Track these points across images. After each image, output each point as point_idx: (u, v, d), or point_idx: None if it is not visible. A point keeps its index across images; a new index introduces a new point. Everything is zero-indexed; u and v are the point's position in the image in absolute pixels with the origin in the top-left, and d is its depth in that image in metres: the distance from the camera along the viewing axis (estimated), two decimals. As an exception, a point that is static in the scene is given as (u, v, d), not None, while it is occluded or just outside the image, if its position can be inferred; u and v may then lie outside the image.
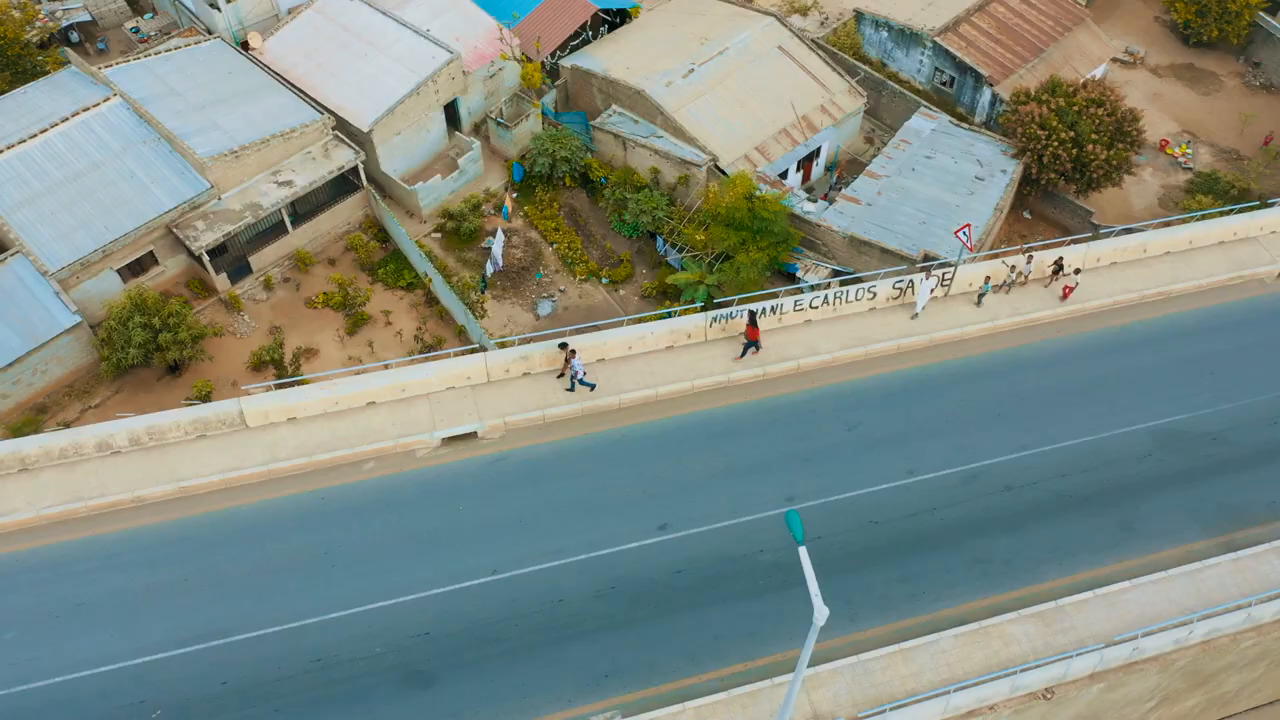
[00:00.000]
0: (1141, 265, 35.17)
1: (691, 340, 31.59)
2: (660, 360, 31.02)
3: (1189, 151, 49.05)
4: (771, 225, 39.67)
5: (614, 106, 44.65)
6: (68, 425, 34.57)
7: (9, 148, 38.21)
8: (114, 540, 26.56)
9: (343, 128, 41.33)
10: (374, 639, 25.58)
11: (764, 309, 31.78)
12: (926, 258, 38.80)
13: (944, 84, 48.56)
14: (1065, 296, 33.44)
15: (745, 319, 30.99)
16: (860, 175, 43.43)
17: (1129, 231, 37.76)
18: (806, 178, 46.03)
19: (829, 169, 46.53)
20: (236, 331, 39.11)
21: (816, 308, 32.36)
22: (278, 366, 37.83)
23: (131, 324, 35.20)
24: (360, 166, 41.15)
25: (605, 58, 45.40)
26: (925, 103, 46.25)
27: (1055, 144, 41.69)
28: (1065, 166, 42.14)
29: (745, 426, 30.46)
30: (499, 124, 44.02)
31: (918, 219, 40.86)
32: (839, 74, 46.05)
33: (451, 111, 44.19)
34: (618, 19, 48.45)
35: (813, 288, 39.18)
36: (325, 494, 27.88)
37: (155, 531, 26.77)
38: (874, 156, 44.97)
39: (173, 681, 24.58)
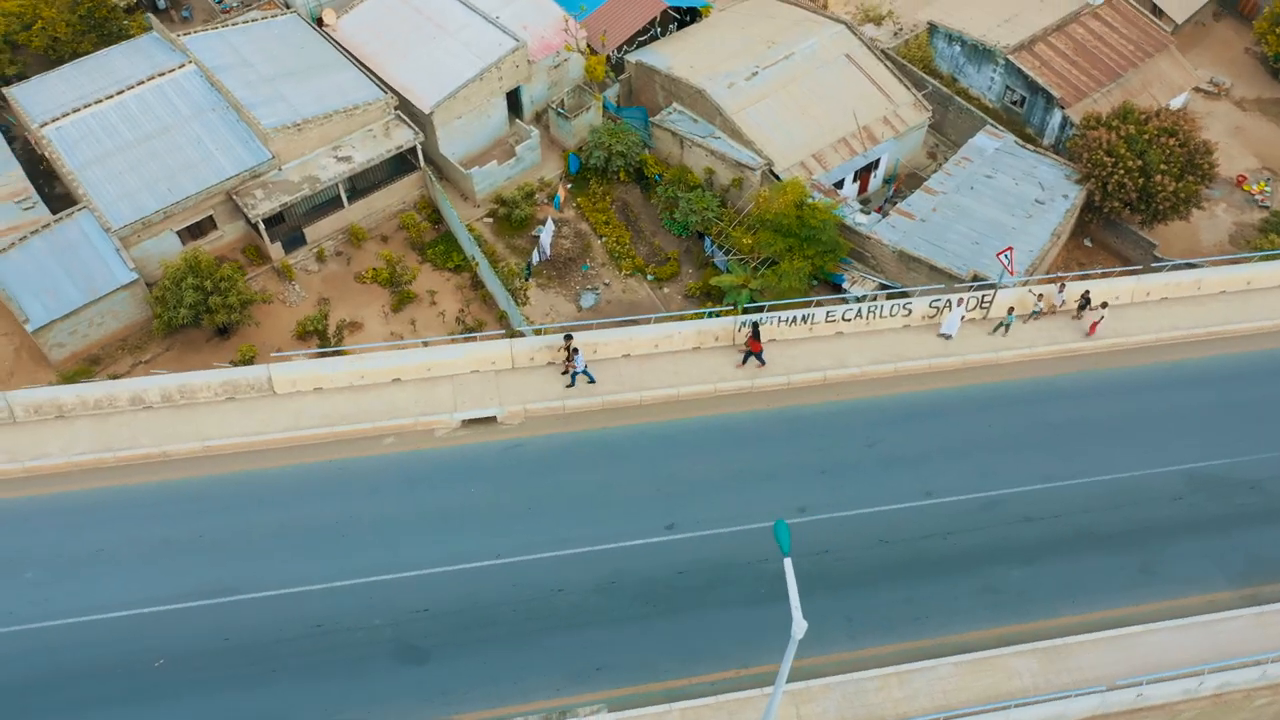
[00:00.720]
0: (1195, 303, 34.13)
1: (719, 343, 31.55)
2: (686, 361, 31.04)
3: (1267, 189, 47.38)
4: (819, 234, 39.38)
5: (675, 104, 44.70)
6: (117, 378, 35.79)
7: (85, 107, 39.66)
8: (138, 492, 27.50)
9: (405, 108, 42.03)
10: (375, 611, 26.11)
11: (793, 318, 31.58)
12: (975, 278, 38.14)
13: (1014, 103, 47.62)
14: (1091, 332, 32.63)
15: (749, 330, 30.82)
16: (917, 190, 42.85)
17: (1187, 266, 36.64)
18: (863, 189, 45.54)
19: (887, 181, 45.98)
20: (286, 300, 40.09)
21: (849, 320, 32.07)
22: (321, 337, 38.70)
23: (184, 285, 36.29)
24: (419, 147, 41.81)
25: (670, 55, 45.44)
26: (991, 121, 45.41)
27: (1121, 172, 40.63)
28: (1130, 196, 41.05)
29: (765, 433, 30.34)
30: (559, 114, 44.36)
31: (971, 239, 40.19)
32: (905, 86, 45.45)
33: (514, 99, 44.65)
34: (688, 17, 48.40)
35: (858, 300, 38.85)
36: (343, 465, 28.50)
37: (177, 487, 27.64)
38: (934, 172, 44.30)
39: (178, 633, 25.39)
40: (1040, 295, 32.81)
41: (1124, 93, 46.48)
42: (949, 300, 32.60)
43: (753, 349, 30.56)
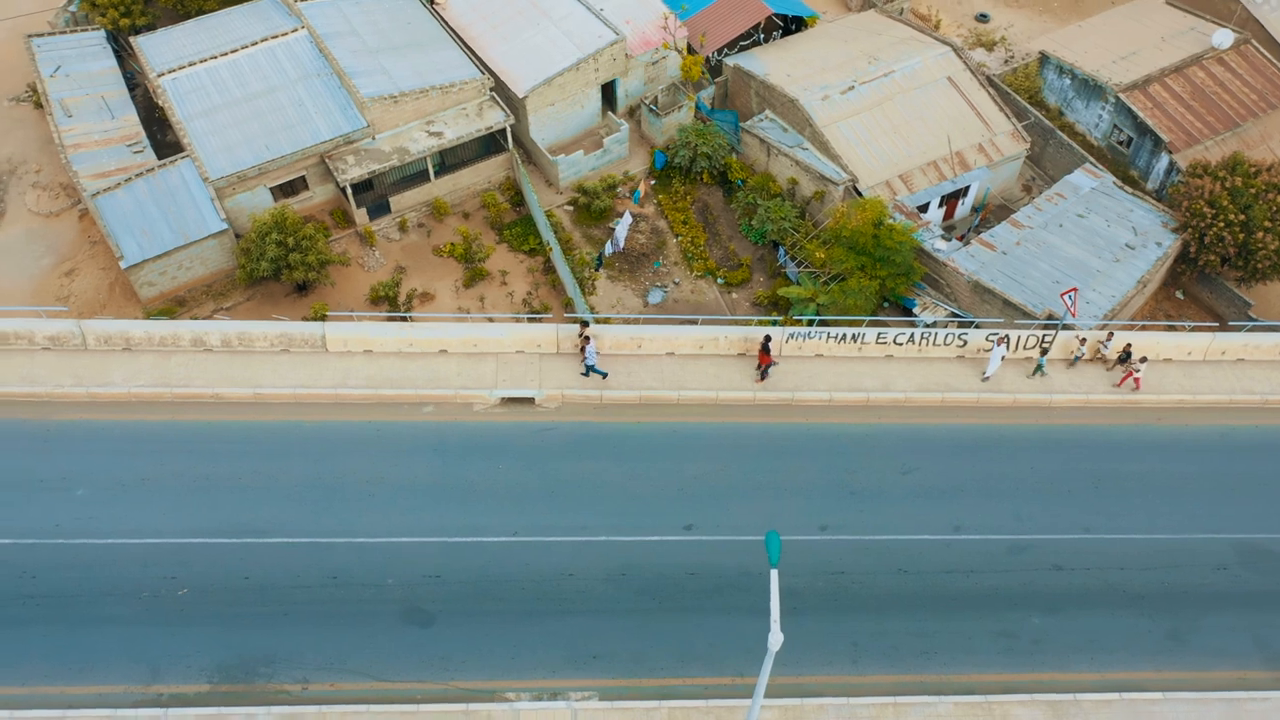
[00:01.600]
0: (1273, 368, 32.61)
1: (765, 352, 31.47)
2: (728, 365, 31.10)
3: (1385, 260, 44.70)
4: (893, 255, 38.86)
5: (767, 112, 44.63)
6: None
7: (201, 61, 41.69)
8: (187, 428, 28.92)
9: (500, 90, 42.97)
10: (389, 570, 26.94)
11: (843, 336, 31.32)
12: (1050, 318, 37.17)
13: (1121, 143, 46.09)
14: (1128, 383, 31.48)
15: (761, 342, 30.72)
16: (1004, 222, 41.90)
17: (1269, 329, 34.99)
18: (949, 215, 44.70)
19: (975, 210, 45.03)
20: (365, 265, 41.43)
21: (900, 344, 31.64)
22: (391, 303, 39.88)
23: (268, 239, 37.83)
24: (509, 129, 42.70)
25: (769, 62, 45.35)
26: (1092, 159, 44.04)
27: (1221, 225, 38.97)
28: (1228, 250, 39.34)
29: (798, 448, 30.20)
30: (651, 111, 44.74)
31: (1051, 277, 39.10)
32: (1006, 115, 44.43)
33: (609, 91, 45.21)
34: (793, 26, 48.22)
35: (927, 326, 38.23)
36: (381, 427, 29.43)
37: (223, 428, 28.97)
38: (1025, 205, 43.23)
39: (204, 566, 26.66)
40: (1084, 341, 31.80)
41: (1240, 143, 44.52)
42: (997, 337, 31.86)
43: (761, 361, 30.45)
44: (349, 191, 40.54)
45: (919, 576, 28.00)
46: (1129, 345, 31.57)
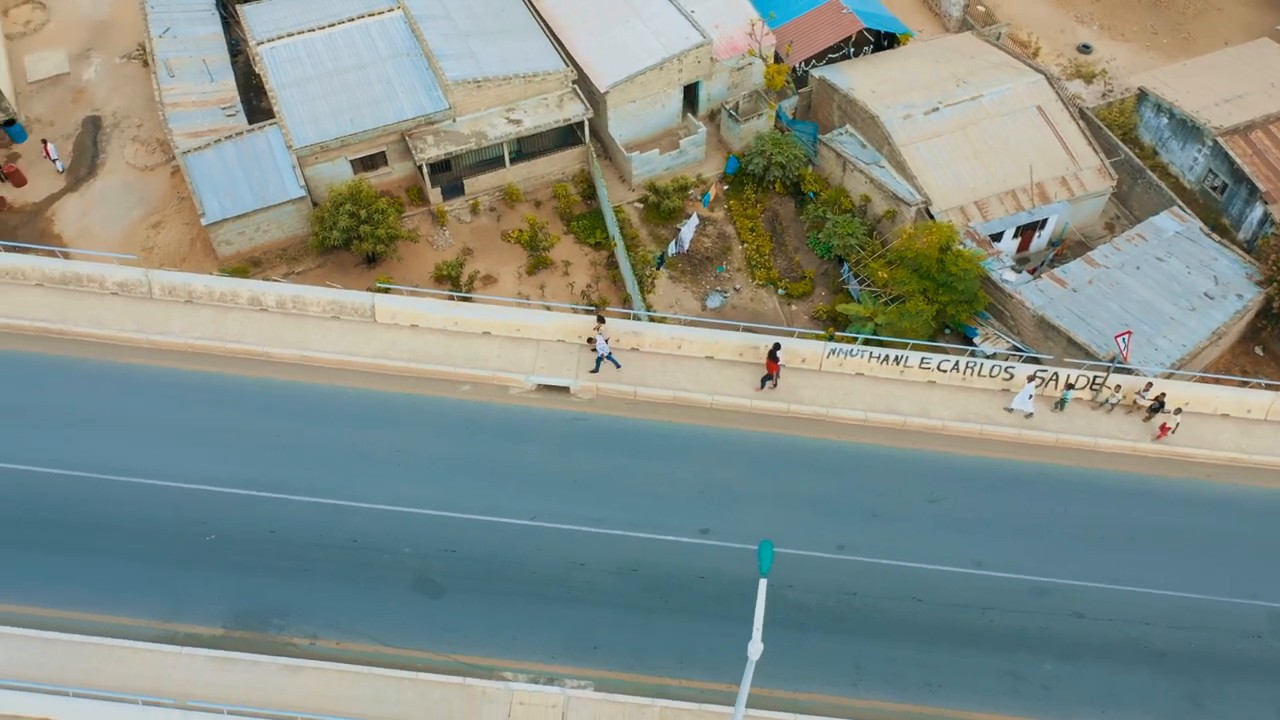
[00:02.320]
0: (1340, 435, 31.19)
1: (805, 365, 31.33)
2: (763, 374, 30.98)
3: None
4: (957, 281, 38.24)
5: (847, 126, 44.28)
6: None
7: (299, 33, 43.19)
8: (234, 382, 30.10)
9: (583, 83, 43.49)
10: (406, 540, 27.64)
11: (885, 356, 30.95)
12: (1114, 360, 36.15)
13: (1214, 188, 44.45)
14: (1160, 435, 30.42)
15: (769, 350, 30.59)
16: (1079, 259, 40.85)
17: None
18: (1024, 246, 43.71)
19: (1052, 244, 43.95)
20: (434, 243, 42.40)
21: (944, 371, 31.15)
22: (454, 283, 40.75)
23: (342, 210, 39.03)
24: (588, 123, 43.21)
25: (855, 77, 44.97)
26: (1181, 203, 42.58)
27: (1309, 282, 37.42)
28: (1314, 310, 37.74)
29: (827, 464, 29.98)
30: (731, 116, 44.77)
31: (1120, 319, 37.97)
32: (1094, 150, 43.25)
33: (691, 93, 45.39)
34: (885, 42, 47.71)
35: (988, 358, 37.47)
36: (418, 400, 30.18)
37: (267, 386, 30.08)
38: (1104, 243, 42.06)
39: (233, 515, 27.73)
40: (1118, 387, 30.83)
41: (1344, 199, 42.52)
42: (1055, 373, 31.09)
43: (769, 369, 30.28)
44: (425, 170, 41.53)
45: (933, 607, 27.57)
46: (1162, 395, 30.49)
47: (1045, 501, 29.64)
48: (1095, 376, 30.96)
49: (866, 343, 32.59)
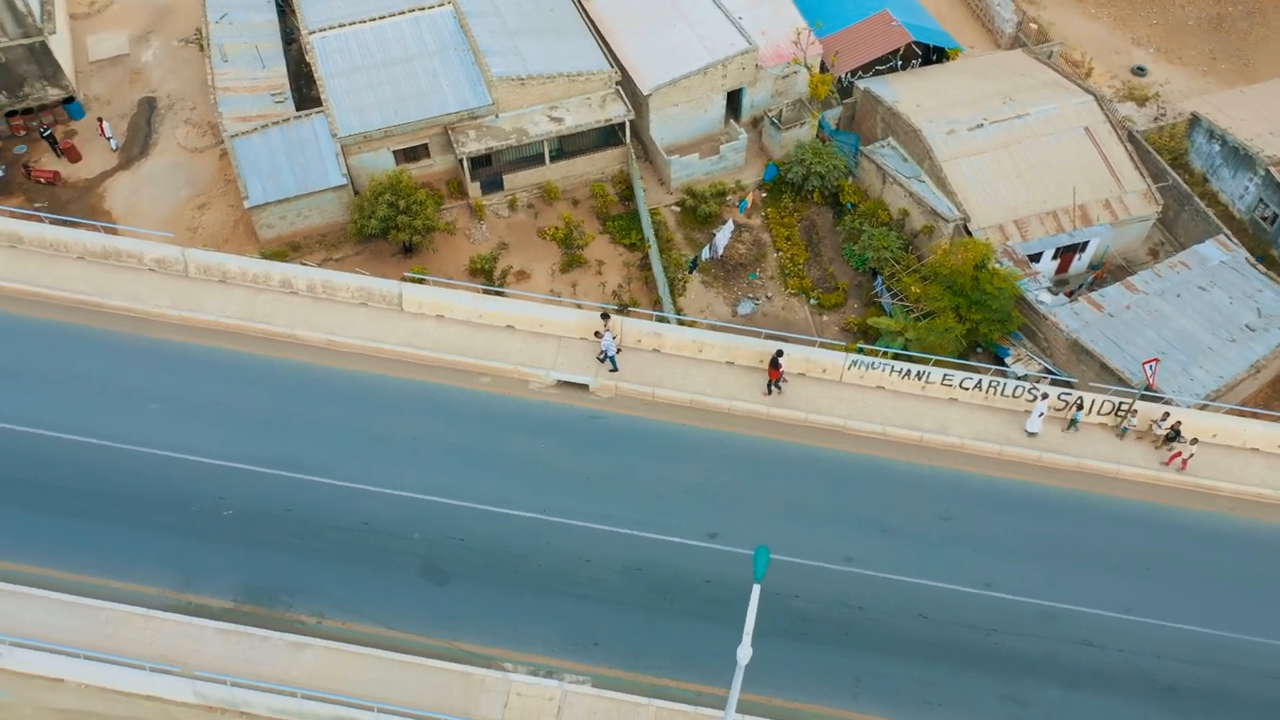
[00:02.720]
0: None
1: (825, 375, 31.22)
2: (787, 384, 30.93)
3: None
4: (990, 300, 37.86)
5: (889, 139, 44.02)
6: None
7: (350, 24, 43.93)
8: (261, 362, 30.71)
9: (627, 84, 43.72)
10: (417, 526, 28.00)
11: (906, 371, 30.76)
12: (1149, 389, 35.59)
13: (1265, 219, 43.55)
14: (1174, 463, 29.84)
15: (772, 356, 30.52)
16: (1118, 283, 40.23)
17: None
18: (1063, 268, 43.14)
19: (1093, 267, 43.31)
20: (471, 236, 42.87)
21: (966, 389, 30.87)
22: (486, 276, 41.17)
23: (381, 199, 39.66)
24: (629, 124, 43.43)
25: (900, 90, 44.70)
26: (1228, 232, 41.77)
27: (1354, 318, 36.48)
28: (1359, 347, 36.78)
29: (841, 475, 29.86)
30: (773, 123, 44.73)
31: (1157, 346, 37.34)
32: (1141, 174, 42.56)
33: (735, 99, 45.41)
34: (934, 56, 47.36)
35: (1019, 378, 37.04)
36: (437, 389, 30.56)
37: (293, 368, 30.64)
38: (1145, 269, 41.38)
39: (251, 491, 28.29)
40: (1134, 412, 30.32)
41: (1398, 236, 41.44)
42: (1080, 398, 30.66)
43: (771, 376, 30.17)
44: (466, 164, 42.01)
45: (938, 625, 27.34)
46: (1178, 423, 29.92)
47: (1060, 526, 29.24)
48: (1120, 403, 30.47)
49: (896, 357, 32.31)
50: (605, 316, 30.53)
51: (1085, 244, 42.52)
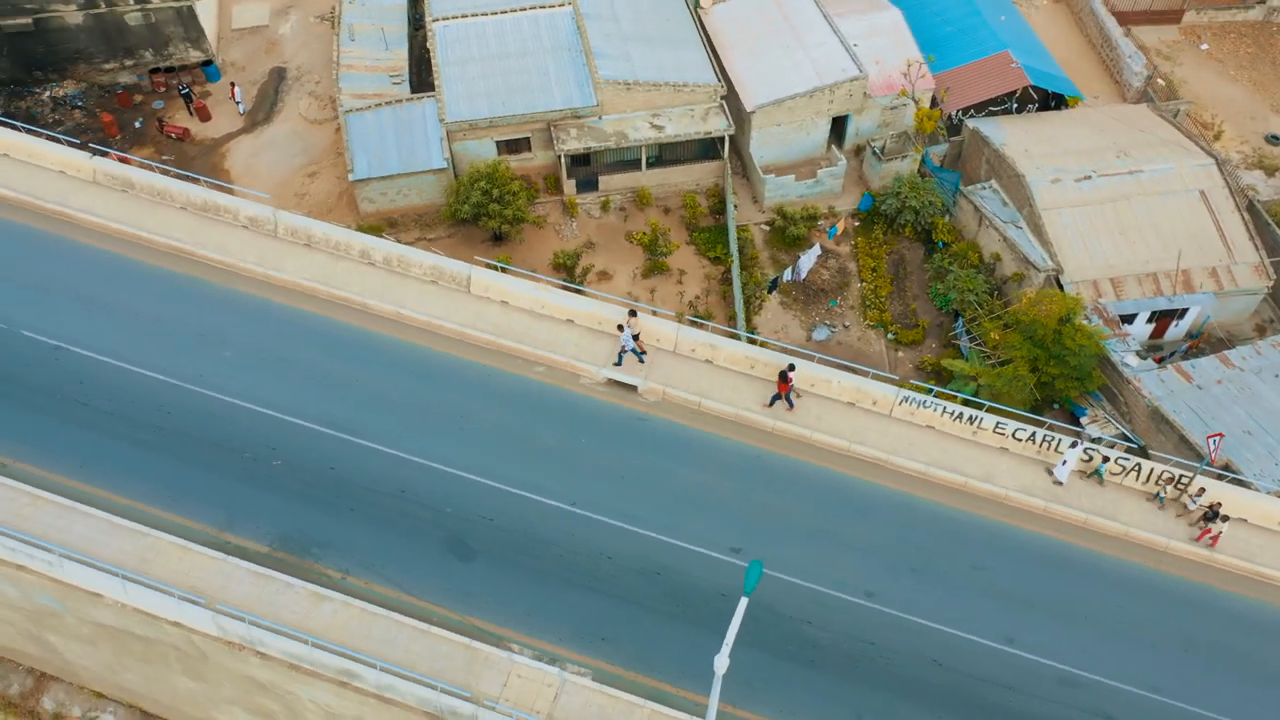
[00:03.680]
0: None
1: (875, 408, 30.83)
2: (832, 410, 30.71)
3: None
4: (1070, 356, 36.78)
5: (992, 181, 43.17)
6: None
7: (472, 16, 45.47)
8: (331, 325, 32.02)
9: (732, 99, 44.02)
10: (449, 500, 28.78)
11: (959, 414, 30.15)
12: (1226, 468, 34.05)
13: (1387, 307, 41.06)
14: (1201, 538, 28.35)
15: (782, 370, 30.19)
16: (1213, 356, 38.57)
17: None
18: (1159, 333, 41.51)
19: (1190, 335, 41.55)
20: (560, 232, 43.80)
21: (1020, 440, 30.08)
22: (569, 272, 41.98)
23: (476, 186, 40.91)
24: (728, 139, 43.70)
25: (1011, 133, 43.80)
26: (1343, 314, 39.56)
27: None
28: None
29: (875, 509, 29.43)
30: (875, 153, 44.37)
31: (1244, 425, 35.72)
32: (1255, 245, 40.72)
33: (840, 125, 45.22)
34: (1053, 102, 46.21)
35: (1093, 440, 35.89)
36: (492, 373, 31.32)
37: (360, 335, 31.84)
38: (1245, 345, 39.54)
39: (301, 446, 29.54)
40: (1171, 480, 28.95)
41: None
42: (1139, 464, 29.54)
43: (780, 390, 29.76)
44: (564, 161, 42.95)
45: (951, 674, 26.69)
46: (1218, 504, 28.45)
47: (1098, 592, 28.19)
48: (1180, 476, 29.22)
49: (965, 403, 31.71)
50: (633, 314, 30.86)
51: (1184, 311, 40.88)
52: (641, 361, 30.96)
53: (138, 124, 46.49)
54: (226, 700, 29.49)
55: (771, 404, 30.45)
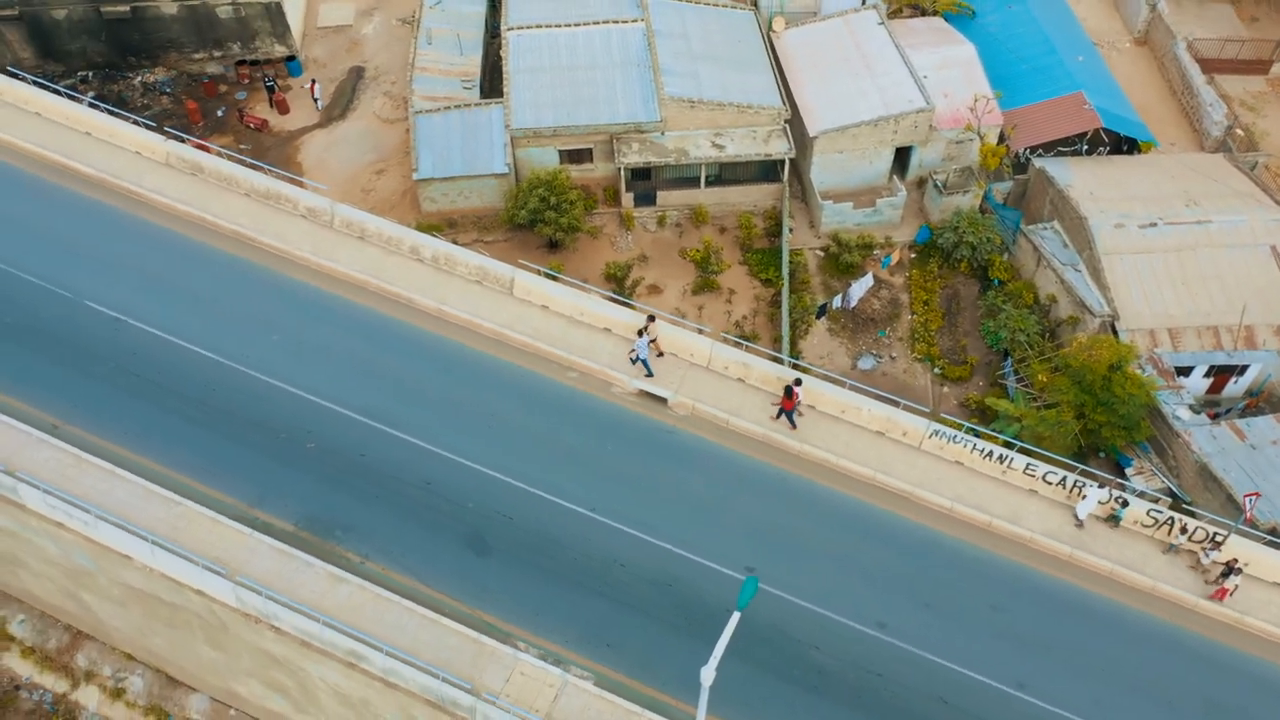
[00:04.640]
0: None
1: (905, 439, 30.57)
2: (860, 437, 30.55)
3: None
4: (1119, 404, 35.96)
5: (1054, 222, 42.52)
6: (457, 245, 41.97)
7: (545, 26, 46.21)
8: (375, 318, 32.89)
9: (795, 123, 44.10)
10: (471, 496, 29.29)
11: (989, 453, 29.74)
12: (1273, 531, 32.98)
13: None
14: (1216, 596, 27.37)
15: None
16: (1270, 415, 37.39)
17: None
18: (1217, 389, 40.33)
19: (1250, 394, 40.30)
20: (615, 244, 44.25)
21: (1050, 483, 29.56)
22: (619, 284, 42.38)
23: (534, 193, 41.57)
24: (789, 162, 43.77)
25: (1078, 175, 43.08)
26: None
27: None
28: None
29: (895, 540, 29.16)
30: (936, 186, 44.02)
31: (1294, 489, 34.53)
32: (1324, 305, 39.40)
33: (904, 156, 44.98)
34: (1125, 146, 45.37)
35: (1138, 494, 35.06)
36: (525, 374, 31.82)
37: (401, 329, 32.64)
38: (1308, 407, 38.28)
39: (336, 430, 30.37)
40: (1184, 529, 28.06)
41: None
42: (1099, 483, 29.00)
43: (784, 406, 29.50)
44: (624, 174, 43.42)
45: (956, 713, 26.28)
46: (1234, 561, 27.50)
47: (1120, 645, 27.51)
48: (1215, 533, 28.41)
49: (968, 430, 31.27)
50: (651, 319, 31.06)
51: (1245, 368, 39.67)
52: (649, 375, 31.09)
53: (220, 113, 48.26)
54: (245, 672, 30.34)
55: (778, 418, 30.37)
